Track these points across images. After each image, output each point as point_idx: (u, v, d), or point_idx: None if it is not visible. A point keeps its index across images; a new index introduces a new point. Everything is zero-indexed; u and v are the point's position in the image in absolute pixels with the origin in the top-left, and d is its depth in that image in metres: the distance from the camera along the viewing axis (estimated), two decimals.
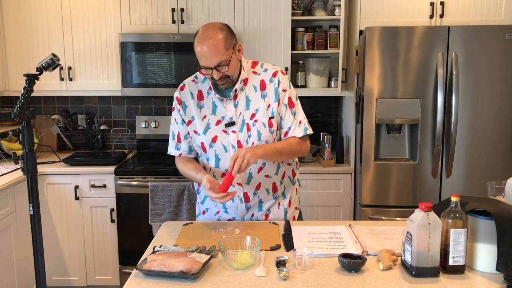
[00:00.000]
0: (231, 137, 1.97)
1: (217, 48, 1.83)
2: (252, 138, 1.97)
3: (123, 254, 3.32)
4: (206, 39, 1.83)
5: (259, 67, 2.04)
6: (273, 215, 2.08)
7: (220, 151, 1.99)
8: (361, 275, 1.51)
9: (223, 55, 1.84)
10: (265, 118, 1.97)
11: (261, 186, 2.04)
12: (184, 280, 1.48)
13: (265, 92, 1.99)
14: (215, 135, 1.98)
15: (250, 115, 1.98)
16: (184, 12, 3.39)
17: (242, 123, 1.97)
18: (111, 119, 3.87)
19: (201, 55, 1.85)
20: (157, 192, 3.11)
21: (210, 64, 1.85)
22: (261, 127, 1.97)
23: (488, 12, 3.17)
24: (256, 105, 1.98)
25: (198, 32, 1.88)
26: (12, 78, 3.50)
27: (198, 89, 2.03)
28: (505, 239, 1.43)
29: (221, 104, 1.99)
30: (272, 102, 1.99)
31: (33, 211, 1.89)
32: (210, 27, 1.87)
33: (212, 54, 1.83)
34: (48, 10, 3.42)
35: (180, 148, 2.09)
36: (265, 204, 2.07)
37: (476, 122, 3.01)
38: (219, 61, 1.84)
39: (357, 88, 3.20)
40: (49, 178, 3.26)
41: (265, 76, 2.01)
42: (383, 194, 3.10)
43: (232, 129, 1.97)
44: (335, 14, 3.44)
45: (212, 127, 1.99)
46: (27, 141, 1.85)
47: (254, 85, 2.00)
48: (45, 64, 1.89)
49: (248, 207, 2.05)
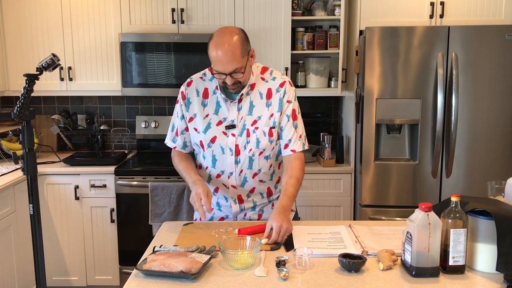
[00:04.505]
0: (229, 140, 1.97)
1: (234, 54, 1.79)
2: (251, 144, 1.97)
3: (123, 254, 3.32)
4: (223, 44, 1.79)
5: (268, 74, 2.02)
6: (266, 215, 2.09)
7: (218, 152, 1.99)
8: (361, 275, 1.51)
9: (239, 62, 1.81)
10: (266, 127, 1.97)
11: (255, 190, 2.05)
12: (184, 280, 1.48)
13: (270, 101, 1.98)
14: (215, 135, 1.98)
15: (252, 121, 1.97)
16: (184, 12, 3.39)
17: (243, 128, 1.97)
18: (111, 119, 3.87)
19: (217, 60, 1.82)
20: (157, 192, 3.11)
21: (226, 70, 1.82)
22: (261, 135, 1.96)
23: (488, 12, 3.17)
24: (260, 112, 1.97)
25: (213, 35, 1.84)
26: (12, 78, 3.50)
27: (204, 86, 2.01)
28: (505, 239, 1.43)
29: (225, 105, 1.98)
30: (275, 112, 1.98)
31: (33, 211, 1.89)
32: (227, 32, 1.83)
33: (228, 61, 1.79)
34: (48, 10, 3.42)
35: (176, 142, 2.10)
36: (259, 206, 2.08)
37: (476, 122, 3.01)
38: (235, 68, 1.81)
39: (357, 88, 3.20)
40: (49, 178, 3.26)
41: (272, 85, 1.99)
42: (383, 194, 3.10)
43: (232, 132, 1.97)
44: (335, 14, 3.44)
45: (212, 127, 1.98)
46: (27, 141, 1.85)
47: (261, 91, 1.98)
48: (45, 64, 1.89)
49: (242, 209, 2.06)
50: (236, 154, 1.97)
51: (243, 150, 1.97)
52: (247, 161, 1.98)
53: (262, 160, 2.00)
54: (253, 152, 1.97)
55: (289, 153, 2.00)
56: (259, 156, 1.99)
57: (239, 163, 1.98)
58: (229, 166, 1.99)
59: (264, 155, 2.00)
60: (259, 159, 1.99)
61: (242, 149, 1.97)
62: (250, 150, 1.97)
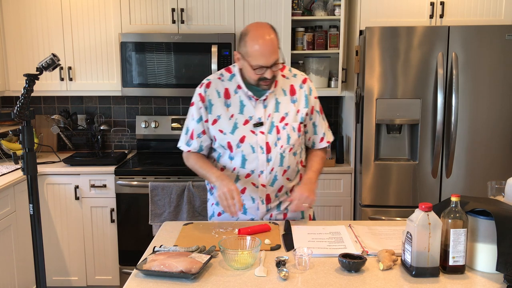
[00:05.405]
0: (259, 138, 1.96)
1: (274, 45, 1.81)
2: (281, 141, 1.97)
3: (123, 254, 3.32)
4: (263, 35, 1.80)
5: (287, 71, 2.04)
6: (291, 214, 2.08)
7: (248, 152, 1.97)
8: (361, 275, 1.51)
9: (277, 54, 1.83)
10: (295, 122, 1.99)
11: (283, 189, 2.05)
12: (184, 280, 1.48)
13: (295, 97, 2.00)
14: (243, 135, 1.96)
15: (280, 118, 1.97)
16: (184, 12, 3.39)
17: (271, 125, 1.96)
18: (111, 119, 3.87)
19: (259, 53, 1.81)
20: (157, 192, 3.11)
21: (268, 62, 1.82)
22: (291, 131, 1.98)
23: (488, 12, 3.17)
24: (286, 108, 1.98)
25: (248, 31, 1.84)
26: (12, 78, 3.50)
27: (224, 87, 2.00)
28: (505, 239, 1.43)
29: (250, 103, 1.97)
30: (302, 107, 2.00)
31: (33, 211, 1.89)
32: (263, 25, 1.85)
33: (270, 52, 1.80)
34: (48, 10, 3.42)
35: (190, 145, 2.06)
36: (283, 204, 2.08)
37: (476, 122, 3.01)
38: (275, 59, 1.82)
39: (357, 88, 3.20)
40: (49, 178, 3.26)
41: (294, 82, 2.01)
42: (383, 194, 3.10)
43: (260, 129, 1.96)
44: (335, 14, 3.44)
45: (240, 126, 1.96)
46: (27, 141, 1.86)
47: (284, 88, 2.00)
48: (45, 64, 1.89)
49: (269, 209, 2.05)
50: (268, 152, 1.97)
51: (274, 147, 1.97)
52: (278, 158, 1.98)
53: (291, 156, 2.02)
54: (284, 148, 1.98)
55: (326, 145, 2.13)
56: (289, 152, 2.00)
57: (271, 160, 1.98)
58: (261, 164, 1.98)
59: (293, 151, 2.02)
60: (289, 156, 2.01)
61: (273, 146, 1.97)
62: (281, 146, 1.97)
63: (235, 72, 2.00)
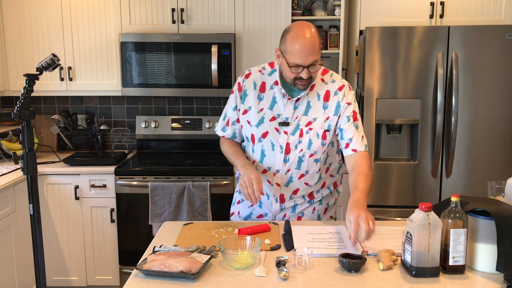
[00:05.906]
0: (281, 137, 1.96)
1: (314, 46, 1.79)
2: (302, 144, 1.95)
3: (123, 254, 3.32)
4: (304, 34, 1.79)
5: (328, 76, 2.00)
6: (306, 218, 2.08)
7: (267, 148, 1.98)
8: (361, 275, 1.51)
9: (317, 55, 1.81)
10: (320, 129, 1.95)
11: (298, 192, 2.04)
12: (184, 280, 1.48)
13: (327, 104, 1.96)
14: (267, 130, 1.96)
15: (306, 121, 1.95)
16: (184, 12, 3.39)
17: (296, 127, 1.95)
18: (111, 119, 3.87)
19: (297, 52, 1.79)
20: (157, 192, 3.11)
21: (306, 61, 1.80)
22: (314, 137, 1.95)
23: (488, 12, 3.17)
24: (315, 113, 1.95)
25: (290, 29, 1.84)
26: (12, 78, 3.50)
27: (262, 80, 2.00)
28: (505, 239, 1.43)
29: (281, 101, 1.96)
30: (331, 115, 1.95)
31: (33, 211, 1.89)
32: (305, 25, 1.83)
33: (309, 52, 1.78)
34: (48, 10, 3.42)
35: (225, 131, 2.10)
36: (299, 207, 2.07)
37: (476, 122, 3.01)
38: (314, 60, 1.80)
39: (357, 88, 3.20)
40: (49, 178, 3.26)
41: (331, 87, 1.97)
42: (383, 194, 3.10)
43: (285, 129, 1.95)
44: (335, 14, 3.45)
45: (265, 121, 1.97)
46: (27, 141, 1.86)
47: (319, 93, 1.96)
48: (45, 64, 1.89)
49: (283, 208, 2.05)
50: (286, 153, 1.96)
51: (294, 150, 1.96)
52: (296, 160, 1.97)
53: (312, 162, 1.99)
54: (304, 152, 1.96)
55: (351, 152, 1.94)
56: (309, 157, 1.97)
57: (288, 161, 1.97)
58: (277, 163, 1.98)
59: (315, 157, 1.98)
60: (309, 161, 1.98)
61: (293, 148, 1.96)
62: (301, 150, 1.96)
63: (276, 68, 1.99)
